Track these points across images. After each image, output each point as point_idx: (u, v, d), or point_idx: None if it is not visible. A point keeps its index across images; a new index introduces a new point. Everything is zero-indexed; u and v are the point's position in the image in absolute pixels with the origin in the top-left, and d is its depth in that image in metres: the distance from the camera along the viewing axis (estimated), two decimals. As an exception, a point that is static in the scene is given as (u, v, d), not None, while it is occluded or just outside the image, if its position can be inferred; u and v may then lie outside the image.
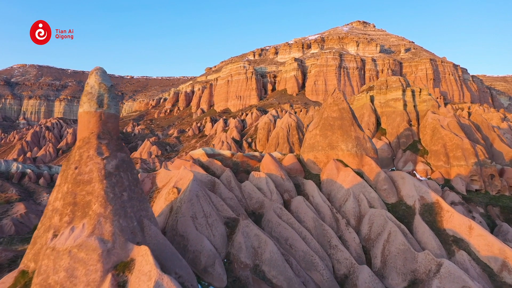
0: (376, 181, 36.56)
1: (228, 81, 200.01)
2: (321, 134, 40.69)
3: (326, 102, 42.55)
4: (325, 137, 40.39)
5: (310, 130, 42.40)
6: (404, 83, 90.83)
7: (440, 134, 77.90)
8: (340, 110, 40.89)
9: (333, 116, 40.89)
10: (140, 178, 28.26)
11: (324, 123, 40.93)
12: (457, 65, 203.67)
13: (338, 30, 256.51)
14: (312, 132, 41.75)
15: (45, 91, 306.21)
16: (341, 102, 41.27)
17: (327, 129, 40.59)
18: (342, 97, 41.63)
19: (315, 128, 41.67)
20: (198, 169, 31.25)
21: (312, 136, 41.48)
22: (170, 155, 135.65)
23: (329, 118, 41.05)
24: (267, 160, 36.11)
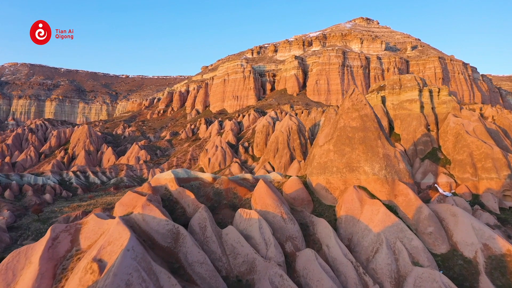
0: (416, 220, 25.68)
1: (225, 80, 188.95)
2: (336, 151, 29.84)
3: (342, 106, 31.65)
4: (341, 154, 29.54)
5: (321, 144, 31.52)
6: (420, 82, 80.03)
7: (465, 141, 67.07)
8: (361, 117, 30.03)
9: (353, 125, 30.04)
10: (53, 233, 17.41)
11: (340, 136, 30.07)
12: (467, 64, 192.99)
13: (340, 27, 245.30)
14: (323, 147, 30.86)
15: (35, 90, 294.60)
16: (363, 107, 30.40)
17: (345, 143, 29.73)
18: (363, 100, 30.77)
19: (327, 141, 30.77)
20: (154, 211, 20.35)
21: (323, 152, 30.60)
22: (160, 160, 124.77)
23: (346, 128, 30.18)
24: (262, 191, 25.20)
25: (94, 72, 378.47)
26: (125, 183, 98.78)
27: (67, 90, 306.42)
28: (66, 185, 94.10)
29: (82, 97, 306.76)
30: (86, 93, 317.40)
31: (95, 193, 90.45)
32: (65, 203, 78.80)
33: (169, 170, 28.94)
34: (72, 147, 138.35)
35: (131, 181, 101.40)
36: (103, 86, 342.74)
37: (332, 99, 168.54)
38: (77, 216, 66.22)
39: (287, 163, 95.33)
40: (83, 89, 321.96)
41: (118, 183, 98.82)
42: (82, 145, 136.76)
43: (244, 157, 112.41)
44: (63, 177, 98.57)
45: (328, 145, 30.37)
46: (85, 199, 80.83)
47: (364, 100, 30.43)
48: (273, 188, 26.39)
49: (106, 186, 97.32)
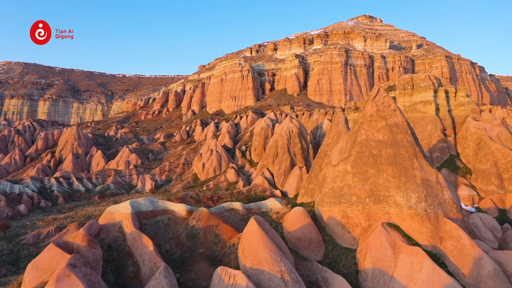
0: (476, 279, 17.90)
1: (222, 79, 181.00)
2: (356, 173, 22.10)
3: (363, 113, 23.85)
4: (363, 178, 21.80)
5: (334, 163, 23.74)
6: (435, 82, 72.30)
7: (489, 148, 59.31)
8: (390, 128, 22.29)
9: (378, 139, 22.28)
10: None
11: (362, 152, 22.31)
12: (475, 63, 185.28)
13: (343, 25, 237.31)
14: (338, 168, 23.11)
15: (28, 90, 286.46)
16: (392, 114, 22.65)
17: (368, 163, 21.98)
18: (392, 104, 22.99)
19: (344, 160, 23.01)
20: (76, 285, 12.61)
21: (338, 175, 22.87)
22: (152, 165, 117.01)
23: (370, 142, 22.40)
24: (254, 238, 17.42)
25: (90, 71, 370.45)
26: (112, 191, 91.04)
27: (61, 89, 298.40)
28: (46, 193, 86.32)
29: (76, 97, 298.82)
30: (81, 93, 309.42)
31: (78, 202, 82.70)
32: (41, 215, 71.01)
33: (128, 201, 21.11)
34: (60, 150, 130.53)
35: (118, 188, 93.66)
36: (99, 86, 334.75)
37: (335, 99, 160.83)
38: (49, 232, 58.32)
39: (287, 170, 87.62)
40: (78, 89, 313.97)
41: (104, 190, 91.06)
42: (70, 148, 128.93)
43: (241, 162, 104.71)
44: (44, 184, 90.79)
45: (344, 165, 22.58)
46: (64, 211, 73.06)
47: (393, 104, 22.65)
48: (270, 231, 18.61)
49: (91, 194, 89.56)
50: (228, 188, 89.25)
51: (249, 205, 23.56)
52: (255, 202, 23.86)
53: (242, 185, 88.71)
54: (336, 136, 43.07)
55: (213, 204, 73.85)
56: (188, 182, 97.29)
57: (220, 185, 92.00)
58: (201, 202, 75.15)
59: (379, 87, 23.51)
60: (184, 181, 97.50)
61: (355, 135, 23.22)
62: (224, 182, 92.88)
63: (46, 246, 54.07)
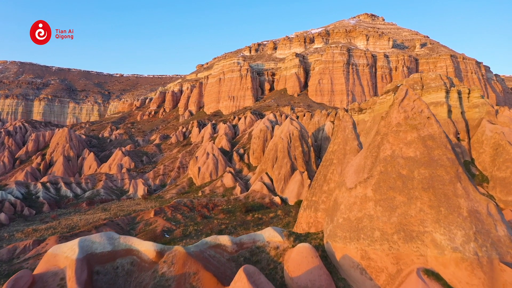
0: None
1: (220, 79, 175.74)
2: (380, 200, 16.94)
3: (387, 121, 18.68)
4: (389, 207, 16.66)
5: (350, 185, 18.58)
6: (447, 82, 67.19)
7: (508, 154, 54.24)
8: (423, 141, 17.13)
9: (408, 155, 17.12)
10: None
11: (386, 173, 17.17)
12: (480, 63, 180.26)
13: (344, 23, 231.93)
14: (355, 191, 17.97)
15: (23, 89, 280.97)
16: (426, 123, 17.50)
17: (395, 187, 16.86)
18: (425, 109, 17.82)
19: (363, 182, 17.87)
20: None
21: (355, 201, 17.75)
22: (146, 168, 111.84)
23: (397, 160, 17.26)
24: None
25: (87, 70, 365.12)
26: (101, 197, 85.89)
27: (57, 89, 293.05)
28: (31, 200, 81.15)
29: (72, 97, 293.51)
30: (77, 93, 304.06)
31: (64, 209, 77.51)
32: (22, 224, 65.84)
33: (78, 239, 15.92)
34: (50, 153, 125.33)
35: (108, 194, 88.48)
36: (96, 86, 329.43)
37: (336, 100, 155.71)
38: (26, 247, 53.05)
39: (287, 175, 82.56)
40: (74, 89, 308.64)
41: (93, 196, 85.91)
42: (61, 150, 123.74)
43: (239, 165, 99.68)
44: (30, 190, 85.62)
45: (363, 189, 17.42)
46: (47, 220, 67.85)
47: (426, 110, 17.53)
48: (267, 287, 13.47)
49: (79, 201, 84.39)
50: (224, 194, 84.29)
51: (241, 239, 18.38)
52: (248, 235, 18.67)
53: (240, 191, 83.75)
54: (343, 142, 37.91)
55: (208, 212, 68.76)
56: (183, 187, 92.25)
57: (216, 191, 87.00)
58: (195, 210, 70.14)
59: (407, 87, 18.38)
60: (179, 186, 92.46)
61: (376, 150, 18.03)
62: (221, 187, 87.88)
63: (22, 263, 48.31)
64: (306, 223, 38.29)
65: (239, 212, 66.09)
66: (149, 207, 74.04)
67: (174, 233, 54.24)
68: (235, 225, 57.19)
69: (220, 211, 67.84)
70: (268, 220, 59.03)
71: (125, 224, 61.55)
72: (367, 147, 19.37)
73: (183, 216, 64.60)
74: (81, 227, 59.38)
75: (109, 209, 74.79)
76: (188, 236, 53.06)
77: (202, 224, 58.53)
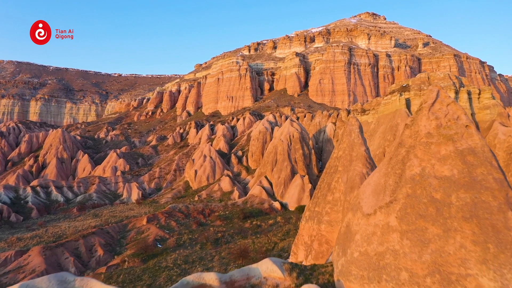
0: None
1: (219, 79, 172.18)
2: (407, 231, 13.20)
3: (413, 130, 15.00)
4: (420, 241, 12.89)
5: (367, 210, 14.91)
6: (456, 82, 63.75)
7: (524, 159, 50.83)
8: (462, 156, 13.44)
9: (443, 174, 13.40)
10: None
11: (414, 196, 13.45)
12: (484, 62, 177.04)
13: (345, 22, 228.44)
14: (374, 218, 14.31)
15: (20, 89, 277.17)
16: (464, 133, 13.80)
17: (426, 215, 13.10)
18: (462, 116, 14.13)
19: (384, 207, 14.19)
20: None
21: (374, 231, 14.05)
22: (141, 171, 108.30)
23: (428, 180, 13.53)
24: None
25: (85, 70, 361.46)
26: (94, 201, 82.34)
27: (54, 89, 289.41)
28: (19, 205, 77.57)
29: (69, 97, 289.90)
30: (75, 93, 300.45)
31: (53, 215, 73.95)
32: (7, 232, 62.24)
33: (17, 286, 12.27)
34: (43, 154, 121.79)
35: (101, 199, 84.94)
36: (94, 85, 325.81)
37: (337, 100, 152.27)
38: (7, 258, 49.48)
39: (287, 178, 79.15)
40: (71, 88, 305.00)
41: (85, 201, 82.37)
42: (54, 152, 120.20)
43: (237, 168, 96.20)
44: (19, 194, 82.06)
45: (385, 215, 13.87)
46: (33, 227, 64.31)
47: (464, 116, 13.90)
48: None
49: (70, 206, 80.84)
50: (222, 198, 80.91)
51: (231, 276, 14.86)
52: (240, 269, 15.12)
53: (238, 196, 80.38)
54: (349, 148, 34.22)
55: (204, 219, 65.39)
56: (179, 191, 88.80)
57: (213, 195, 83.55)
58: (191, 216, 66.76)
59: (439, 88, 14.80)
60: (175, 190, 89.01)
61: (401, 166, 14.45)
62: (218, 191, 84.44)
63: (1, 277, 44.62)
64: (308, 235, 34.70)
65: (236, 218, 62.97)
66: (142, 213, 70.71)
67: (167, 242, 50.99)
68: (232, 233, 53.93)
69: (217, 217, 64.56)
70: (267, 228, 55.76)
71: (115, 232, 58.20)
72: (388, 162, 15.76)
73: (177, 223, 61.32)
74: (68, 236, 56.03)
75: (101, 215, 71.38)
76: (181, 245, 49.77)
77: (197, 232, 55.34)
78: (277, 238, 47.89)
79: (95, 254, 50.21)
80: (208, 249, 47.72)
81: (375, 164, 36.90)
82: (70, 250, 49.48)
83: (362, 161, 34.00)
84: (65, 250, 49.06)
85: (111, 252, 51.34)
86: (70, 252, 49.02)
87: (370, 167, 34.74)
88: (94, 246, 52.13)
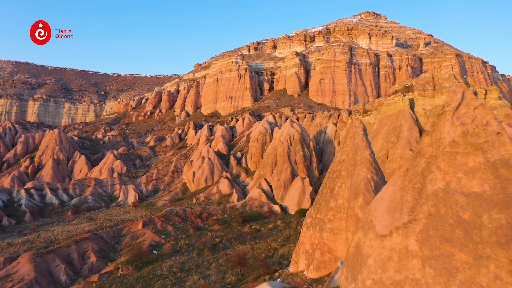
0: None
1: (218, 79, 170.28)
2: (429, 257, 11.18)
3: (435, 137, 12.98)
4: (445, 270, 10.86)
5: (382, 231, 12.94)
6: (462, 82, 61.94)
7: (533, 162, 49.08)
8: (494, 168, 11.41)
9: (471, 190, 11.40)
10: None
11: (438, 216, 11.43)
12: (486, 62, 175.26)
13: (346, 21, 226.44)
14: (389, 241, 12.33)
15: (18, 89, 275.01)
16: (496, 141, 11.77)
17: (453, 239, 11.09)
18: (493, 121, 12.15)
19: (401, 228, 12.21)
20: None
21: (390, 255, 12.05)
22: (138, 172, 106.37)
23: (454, 197, 11.51)
24: None
25: (84, 70, 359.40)
26: (89, 204, 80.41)
27: (52, 89, 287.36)
28: (13, 208, 75.60)
29: (68, 97, 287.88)
30: (73, 93, 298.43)
31: (47, 219, 71.97)
32: (-1, 237, 60.32)
33: None
34: (39, 156, 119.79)
35: (97, 201, 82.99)
36: (92, 85, 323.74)
37: (338, 100, 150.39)
38: (-4, 265, 47.53)
39: (287, 181, 77.26)
40: (70, 88, 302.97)
41: (80, 204, 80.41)
42: (50, 153, 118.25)
43: (236, 170, 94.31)
44: (12, 197, 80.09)
45: (403, 238, 11.91)
46: (25, 232, 62.33)
47: (495, 122, 11.97)
48: None
49: (65, 209, 78.89)
50: (220, 201, 79.05)
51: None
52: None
53: (237, 198, 78.54)
54: (352, 151, 32.45)
55: (202, 223, 63.53)
56: (177, 193, 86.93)
57: (211, 198, 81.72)
58: (188, 220, 64.90)
59: (464, 88, 12.84)
60: (172, 193, 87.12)
61: (420, 180, 12.50)
62: (217, 194, 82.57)
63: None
64: (310, 244, 32.74)
65: (235, 222, 61.16)
66: (138, 217, 68.91)
67: (163, 248, 49.18)
68: (230, 238, 52.14)
69: (215, 221, 62.73)
70: (267, 232, 53.96)
71: (110, 237, 56.32)
72: (404, 174, 13.80)
73: (174, 227, 59.49)
74: (61, 241, 54.11)
75: (96, 219, 69.52)
76: (178, 251, 47.99)
77: (194, 237, 53.56)
78: (277, 244, 46.00)
79: (87, 261, 48.29)
80: (205, 255, 45.93)
81: (380, 168, 34.81)
82: (62, 257, 47.54)
83: (367, 166, 31.99)
84: (57, 257, 47.13)
85: (105, 258, 49.44)
86: (62, 258, 47.07)
87: (375, 172, 32.62)
88: (87, 252, 50.22)
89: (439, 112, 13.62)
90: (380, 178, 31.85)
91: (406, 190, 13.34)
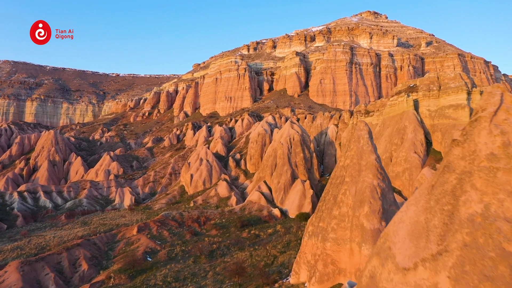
0: None
1: (217, 79, 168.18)
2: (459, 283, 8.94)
3: (467, 149, 10.75)
4: None
5: (404, 263, 10.72)
6: (468, 82, 59.74)
7: (544, 166, 47.02)
8: None
9: None
10: None
11: (476, 247, 9.20)
12: (488, 62, 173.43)
13: (346, 21, 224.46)
14: (415, 275, 10.10)
15: (15, 89, 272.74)
16: None
17: (495, 277, 8.84)
18: None
19: (429, 260, 10.01)
20: None
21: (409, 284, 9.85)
22: (135, 174, 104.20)
23: (496, 224, 9.25)
24: None
25: (82, 70, 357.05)
26: (84, 208, 78.24)
27: (50, 89, 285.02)
28: (5, 211, 73.47)
29: (66, 97, 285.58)
30: (71, 93, 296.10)
31: (39, 223, 69.85)
32: (-12, 243, 58.16)
33: None
34: (35, 157, 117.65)
35: (92, 204, 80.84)
36: (91, 85, 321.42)
37: (339, 101, 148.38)
38: (-17, 274, 45.26)
39: (287, 184, 75.11)
40: (68, 88, 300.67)
41: (74, 207, 78.25)
42: (46, 154, 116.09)
43: (235, 172, 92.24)
44: (5, 200, 77.96)
45: (431, 273, 9.63)
46: (16, 237, 60.17)
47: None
48: None
49: (58, 212, 76.74)
50: (218, 205, 76.92)
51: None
52: None
53: (235, 201, 76.39)
54: (357, 156, 30.44)
55: (199, 227, 61.44)
56: (174, 196, 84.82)
57: (209, 201, 79.55)
58: (185, 225, 62.72)
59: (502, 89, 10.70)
60: (169, 195, 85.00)
61: (451, 200, 10.33)
62: (215, 197, 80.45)
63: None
64: (312, 254, 30.54)
65: (233, 227, 59.15)
66: (134, 221, 66.80)
67: (158, 255, 47.10)
68: (228, 244, 50.05)
69: (213, 226, 60.65)
70: (266, 238, 51.93)
71: (103, 244, 54.12)
72: (429, 191, 11.61)
73: (170, 233, 57.37)
74: (52, 248, 51.94)
75: (90, 223, 67.38)
76: (173, 259, 45.94)
77: (191, 243, 51.46)
78: (276, 251, 43.95)
79: (79, 269, 46.08)
80: (202, 263, 43.93)
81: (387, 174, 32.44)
82: (52, 265, 45.33)
83: (373, 171, 29.68)
84: (46, 265, 44.89)
85: (97, 266, 47.27)
86: (52, 267, 44.86)
87: (381, 178, 30.26)
88: (78, 259, 47.98)
89: (473, 118, 11.46)
90: (387, 185, 29.62)
91: (432, 213, 11.11)
